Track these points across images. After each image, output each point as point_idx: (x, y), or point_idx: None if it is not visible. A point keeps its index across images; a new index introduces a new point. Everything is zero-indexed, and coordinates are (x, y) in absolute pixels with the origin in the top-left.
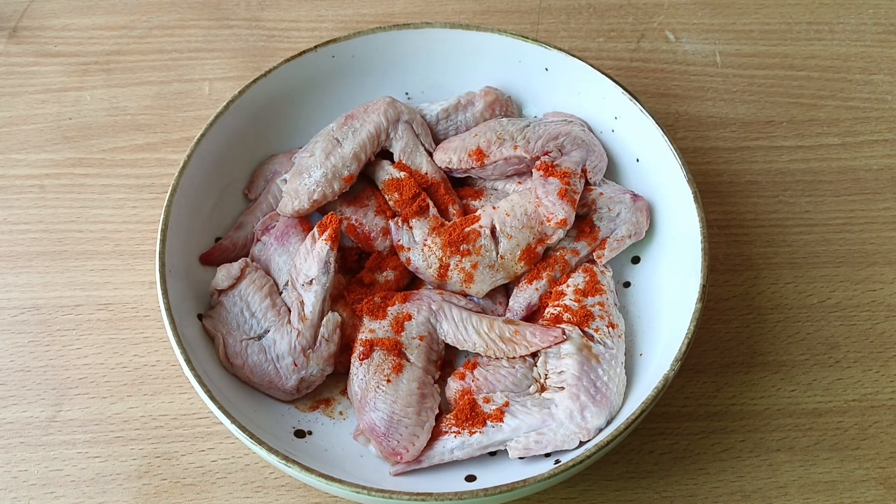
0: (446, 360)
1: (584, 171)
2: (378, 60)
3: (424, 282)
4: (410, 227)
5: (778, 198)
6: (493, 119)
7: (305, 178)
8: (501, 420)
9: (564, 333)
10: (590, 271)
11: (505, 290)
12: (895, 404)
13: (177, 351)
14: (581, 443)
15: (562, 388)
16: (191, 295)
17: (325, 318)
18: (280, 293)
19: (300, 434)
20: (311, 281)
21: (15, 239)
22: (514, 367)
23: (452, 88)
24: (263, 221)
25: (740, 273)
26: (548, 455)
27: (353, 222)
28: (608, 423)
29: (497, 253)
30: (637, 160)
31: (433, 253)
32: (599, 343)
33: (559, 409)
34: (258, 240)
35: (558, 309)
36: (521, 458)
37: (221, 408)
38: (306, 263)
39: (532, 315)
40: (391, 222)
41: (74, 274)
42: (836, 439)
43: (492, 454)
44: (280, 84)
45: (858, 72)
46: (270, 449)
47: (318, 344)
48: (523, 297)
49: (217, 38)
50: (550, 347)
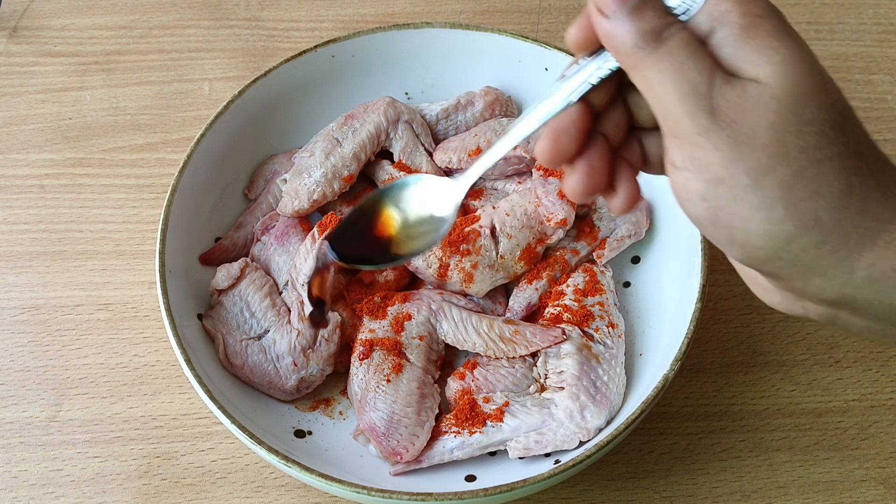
0: (446, 360)
1: None
2: (378, 60)
3: (424, 282)
4: None
5: None
6: (493, 119)
7: (305, 178)
8: (501, 420)
9: (564, 333)
10: (590, 271)
11: (505, 290)
12: (895, 404)
13: (177, 351)
14: (581, 443)
15: (562, 388)
16: (191, 295)
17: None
18: (280, 293)
19: (300, 434)
20: None
21: (15, 239)
22: (514, 367)
23: (452, 88)
24: (263, 221)
25: None
26: (548, 455)
27: None
28: (608, 423)
29: (497, 253)
30: None
31: (433, 253)
32: (599, 343)
33: (559, 409)
34: (258, 240)
35: (558, 309)
36: (521, 458)
37: (221, 408)
38: (306, 263)
39: (532, 315)
40: None
41: (74, 274)
42: (836, 439)
43: (492, 454)
44: (280, 84)
45: (858, 72)
46: (270, 449)
47: (318, 344)
48: (523, 297)
49: (217, 38)
50: (550, 347)
